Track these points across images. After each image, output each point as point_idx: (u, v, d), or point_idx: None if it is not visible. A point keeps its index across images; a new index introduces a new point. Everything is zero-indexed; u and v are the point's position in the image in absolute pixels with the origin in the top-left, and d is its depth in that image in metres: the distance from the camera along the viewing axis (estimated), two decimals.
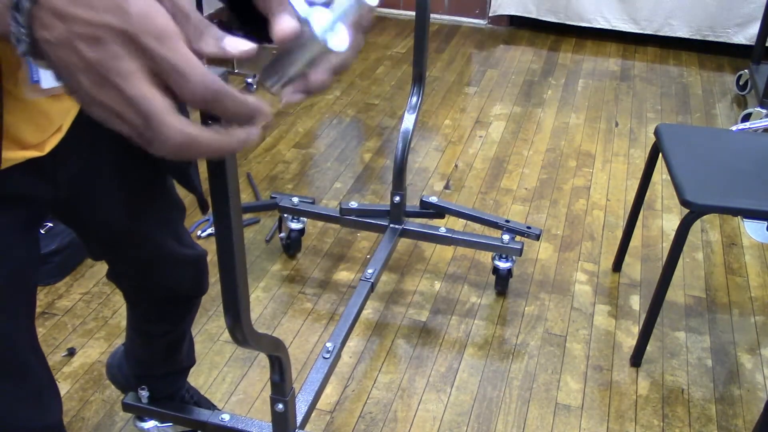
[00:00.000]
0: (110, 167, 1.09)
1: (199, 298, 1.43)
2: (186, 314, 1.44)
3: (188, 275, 1.34)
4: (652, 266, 2.27)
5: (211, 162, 0.87)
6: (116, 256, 1.27)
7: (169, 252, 1.27)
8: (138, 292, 1.38)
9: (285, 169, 2.73)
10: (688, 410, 1.80)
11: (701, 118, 3.19)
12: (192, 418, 1.54)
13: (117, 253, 1.25)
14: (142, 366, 1.55)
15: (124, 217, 1.16)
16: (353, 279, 2.20)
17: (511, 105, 3.26)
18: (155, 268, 1.29)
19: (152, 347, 1.50)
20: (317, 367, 1.65)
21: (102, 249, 1.25)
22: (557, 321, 2.06)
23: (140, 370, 1.56)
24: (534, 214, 2.51)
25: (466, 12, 4.17)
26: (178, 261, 1.29)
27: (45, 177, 0.96)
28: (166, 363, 1.53)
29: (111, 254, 1.27)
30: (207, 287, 1.40)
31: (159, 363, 1.53)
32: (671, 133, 1.95)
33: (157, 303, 1.39)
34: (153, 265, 1.28)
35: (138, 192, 1.16)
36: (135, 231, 1.19)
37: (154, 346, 1.49)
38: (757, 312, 2.11)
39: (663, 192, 2.65)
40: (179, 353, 1.52)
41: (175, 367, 1.55)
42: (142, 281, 1.33)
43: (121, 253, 1.25)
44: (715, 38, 3.77)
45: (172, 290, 1.35)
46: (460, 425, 1.74)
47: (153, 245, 1.24)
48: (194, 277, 1.36)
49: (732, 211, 1.74)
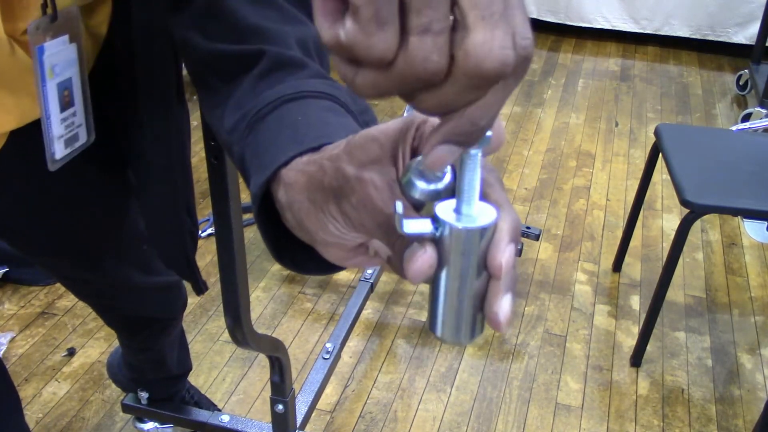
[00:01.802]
0: (51, 198, 0.97)
1: (173, 321, 1.37)
2: (160, 334, 1.38)
3: (155, 301, 1.28)
4: (652, 266, 2.27)
5: (210, 161, 0.87)
6: (70, 285, 1.22)
7: (132, 282, 1.19)
8: (103, 313, 1.34)
9: None
10: (688, 410, 1.80)
11: (701, 118, 3.19)
12: (191, 419, 1.54)
13: (70, 283, 1.20)
14: (134, 371, 1.54)
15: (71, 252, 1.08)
16: (353, 279, 2.20)
17: (511, 105, 3.26)
18: (117, 296, 1.24)
19: (136, 359, 1.48)
20: (317, 367, 1.65)
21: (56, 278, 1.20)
22: (557, 321, 2.06)
23: (134, 374, 1.55)
24: (534, 214, 2.51)
25: None
26: (144, 289, 1.23)
27: None
28: (156, 371, 1.52)
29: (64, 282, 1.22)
30: (180, 312, 1.35)
31: (149, 371, 1.52)
32: (671, 133, 1.95)
33: (125, 324, 1.35)
34: (114, 293, 1.23)
35: (88, 226, 1.05)
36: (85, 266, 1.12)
37: (138, 358, 1.47)
38: (757, 312, 2.11)
39: (663, 192, 2.65)
40: (164, 365, 1.49)
41: (166, 374, 1.53)
42: (104, 303, 1.29)
43: (73, 285, 1.21)
44: (715, 38, 3.77)
45: (138, 314, 1.30)
46: (460, 425, 1.74)
47: (110, 277, 1.16)
48: (163, 303, 1.30)
49: (732, 211, 1.74)
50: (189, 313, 2.04)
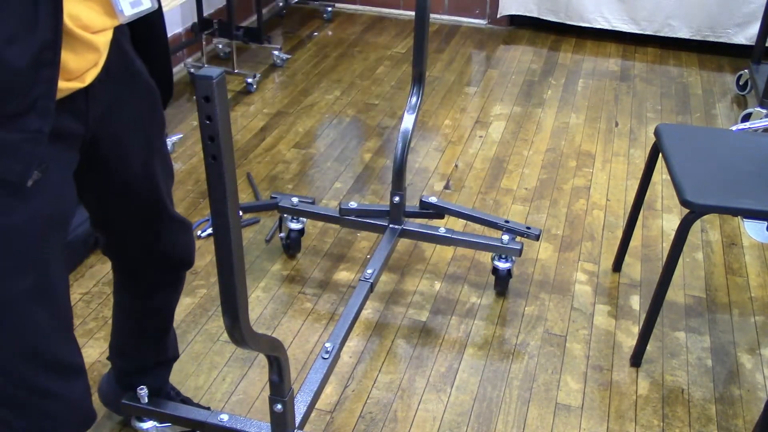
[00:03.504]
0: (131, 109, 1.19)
1: (185, 271, 1.48)
2: (174, 289, 1.49)
3: (181, 239, 1.40)
4: (652, 266, 2.27)
5: (208, 161, 0.87)
6: (122, 210, 1.30)
7: (166, 209, 1.34)
8: (135, 260, 1.41)
9: (285, 169, 2.73)
10: (688, 410, 1.80)
11: (701, 118, 3.19)
12: (190, 418, 1.54)
13: (124, 204, 1.29)
14: (130, 360, 1.56)
15: (139, 159, 1.24)
16: (353, 279, 2.20)
17: (511, 105, 3.26)
18: (154, 224, 1.34)
19: (143, 330, 1.53)
20: (316, 367, 1.65)
21: (112, 199, 1.28)
22: (557, 321, 2.06)
23: (129, 365, 1.57)
24: (534, 214, 2.51)
25: (466, 12, 4.17)
26: (173, 221, 1.37)
27: (79, 115, 1.06)
28: (156, 349, 1.57)
29: (118, 208, 1.30)
30: (194, 260, 1.46)
31: (149, 351, 1.56)
32: (671, 133, 1.95)
33: (151, 272, 1.42)
34: (153, 220, 1.33)
35: (151, 138, 1.25)
36: (146, 176, 1.27)
37: (146, 328, 1.53)
38: (757, 312, 2.11)
39: (663, 192, 2.65)
40: (167, 336, 1.57)
41: (162, 356, 1.59)
42: (141, 243, 1.37)
43: (127, 205, 1.29)
44: (715, 38, 3.77)
45: (167, 255, 1.40)
46: (460, 425, 1.74)
47: (156, 196, 1.30)
48: (186, 243, 1.41)
49: (732, 211, 1.74)
50: (189, 313, 2.04)
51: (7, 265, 1.00)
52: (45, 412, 1.11)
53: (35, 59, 0.88)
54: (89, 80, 1.02)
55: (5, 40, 0.85)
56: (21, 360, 1.06)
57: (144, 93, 1.21)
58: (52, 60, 0.89)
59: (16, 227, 0.99)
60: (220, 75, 0.85)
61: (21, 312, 1.03)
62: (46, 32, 0.87)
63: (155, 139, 1.27)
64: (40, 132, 0.92)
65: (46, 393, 1.10)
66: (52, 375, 1.10)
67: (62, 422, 1.15)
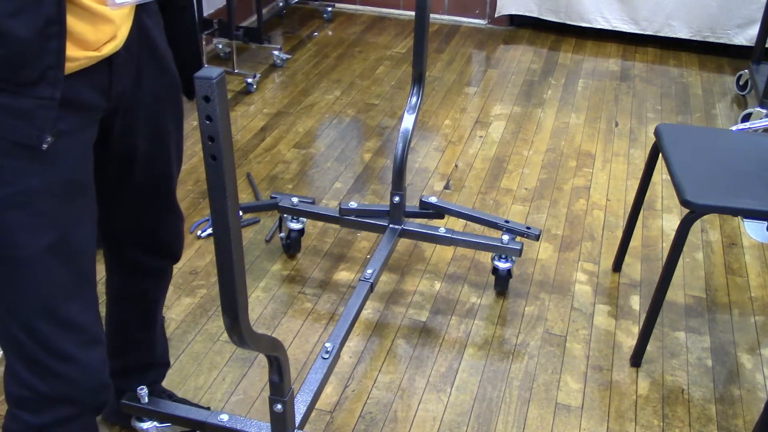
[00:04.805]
0: (151, 84, 1.24)
1: (170, 264, 1.51)
2: (156, 282, 1.52)
3: (173, 230, 1.44)
4: (652, 266, 2.27)
5: (208, 160, 0.87)
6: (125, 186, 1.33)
7: (167, 194, 1.38)
8: (126, 244, 1.43)
9: (285, 169, 2.73)
10: (688, 410, 1.80)
11: (701, 118, 3.19)
12: (190, 418, 1.54)
13: (129, 178, 1.31)
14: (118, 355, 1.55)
15: (152, 134, 1.28)
16: (353, 279, 2.20)
17: (511, 105, 3.26)
18: (152, 205, 1.37)
19: (125, 321, 1.55)
20: (316, 367, 1.65)
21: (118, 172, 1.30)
22: (557, 321, 2.06)
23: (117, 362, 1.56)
24: (534, 214, 2.51)
25: (466, 12, 4.17)
26: (171, 208, 1.41)
27: (102, 89, 1.11)
28: (141, 349, 1.58)
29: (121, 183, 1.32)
30: (181, 254, 1.49)
31: (133, 347, 1.57)
32: (671, 133, 1.95)
33: (138, 257, 1.44)
34: (152, 200, 1.36)
35: (166, 118, 1.30)
36: (156, 153, 1.31)
37: (128, 320, 1.54)
38: (757, 312, 2.11)
39: (663, 192, 2.65)
40: (152, 335, 1.58)
41: (147, 357, 1.59)
42: (135, 224, 1.39)
43: (131, 180, 1.32)
44: (715, 39, 3.77)
45: (157, 240, 1.43)
46: (460, 425, 1.74)
47: (163, 176, 1.35)
48: (177, 235, 1.45)
49: (732, 211, 1.74)
50: (189, 314, 2.04)
51: (29, 222, 1.06)
52: (66, 376, 1.17)
53: (41, 32, 0.94)
54: (106, 51, 1.07)
55: (11, 13, 0.92)
56: (43, 318, 1.12)
57: (164, 77, 1.26)
58: (58, 32, 0.95)
59: (37, 189, 1.05)
60: (219, 75, 0.85)
61: (43, 268, 1.09)
62: (50, 7, 0.93)
63: (169, 123, 1.31)
64: (52, 99, 0.99)
65: (67, 357, 1.16)
66: (72, 338, 1.16)
67: (81, 389, 1.20)
